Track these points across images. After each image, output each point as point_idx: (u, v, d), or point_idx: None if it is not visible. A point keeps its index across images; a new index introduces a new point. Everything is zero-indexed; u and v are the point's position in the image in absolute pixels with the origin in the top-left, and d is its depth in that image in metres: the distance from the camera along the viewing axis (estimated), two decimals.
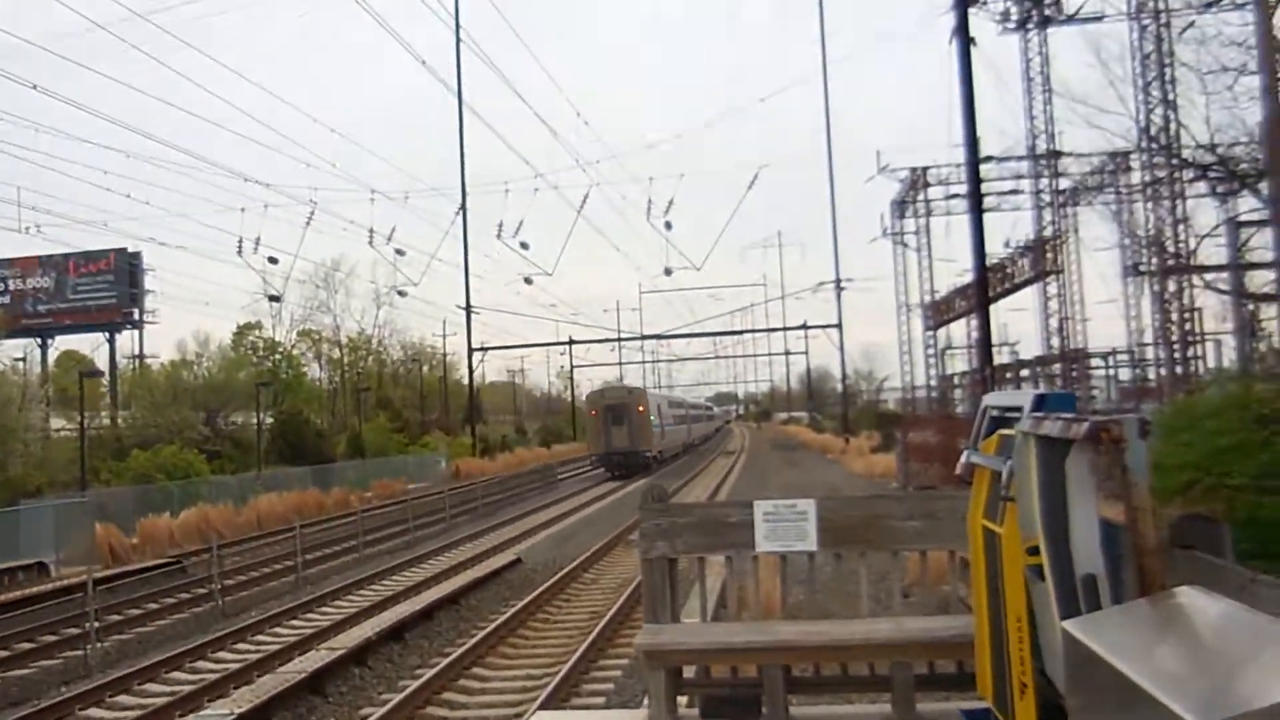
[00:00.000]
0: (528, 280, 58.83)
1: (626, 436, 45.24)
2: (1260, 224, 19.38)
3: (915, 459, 31.18)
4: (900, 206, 63.46)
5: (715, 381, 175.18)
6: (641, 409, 46.15)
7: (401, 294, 58.22)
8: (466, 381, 67.69)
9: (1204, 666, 2.31)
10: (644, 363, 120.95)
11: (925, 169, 57.47)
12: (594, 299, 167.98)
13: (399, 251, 55.09)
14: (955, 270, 52.18)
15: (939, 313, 62.63)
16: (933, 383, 64.70)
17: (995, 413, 4.12)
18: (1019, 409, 3.65)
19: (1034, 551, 3.18)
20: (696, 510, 5.62)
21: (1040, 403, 3.54)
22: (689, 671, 5.27)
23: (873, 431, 60.69)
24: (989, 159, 49.52)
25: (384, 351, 78.05)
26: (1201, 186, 23.75)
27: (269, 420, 47.16)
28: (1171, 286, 30.34)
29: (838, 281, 61.87)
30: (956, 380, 63.48)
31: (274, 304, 58.19)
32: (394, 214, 76.65)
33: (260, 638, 15.36)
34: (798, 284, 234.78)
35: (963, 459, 4.13)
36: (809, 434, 79.53)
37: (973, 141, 23.63)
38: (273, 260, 50.34)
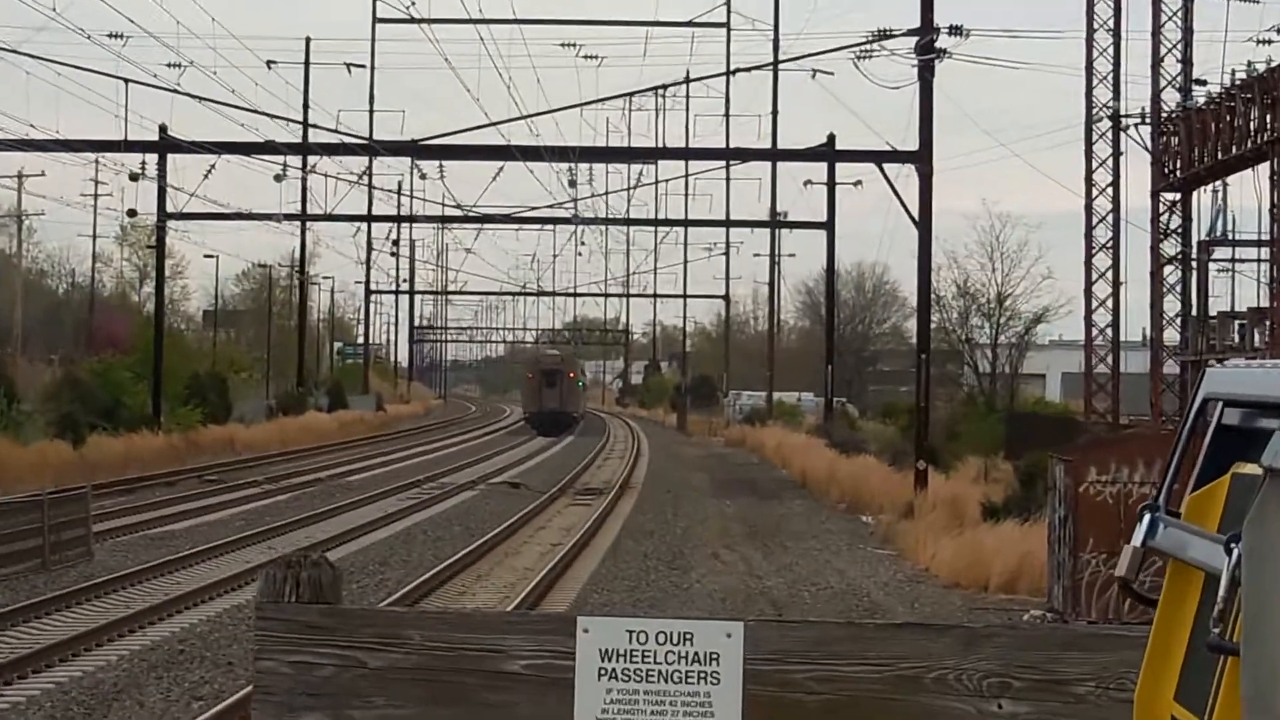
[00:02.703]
0: None
1: (558, 398, 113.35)
2: None
3: (1102, 543, 28.97)
4: None
5: (576, 289, 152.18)
6: (571, 375, 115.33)
7: None
8: None
9: None
10: (373, 219, 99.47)
11: None
12: (236, 39, 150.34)
13: None
14: (1242, 32, 49.97)
15: (1198, 143, 58.95)
16: (1171, 338, 60.66)
17: (1234, 418, 3.92)
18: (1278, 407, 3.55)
19: None
20: (419, 627, 5.40)
21: None
22: None
23: (993, 459, 58.49)
24: None
25: None
26: None
27: None
28: None
29: (928, 29, 56.52)
30: (1235, 332, 59.07)
31: None
32: None
33: None
34: (813, 39, 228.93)
35: (1136, 537, 3.88)
36: (819, 451, 68.71)
37: None
38: None
